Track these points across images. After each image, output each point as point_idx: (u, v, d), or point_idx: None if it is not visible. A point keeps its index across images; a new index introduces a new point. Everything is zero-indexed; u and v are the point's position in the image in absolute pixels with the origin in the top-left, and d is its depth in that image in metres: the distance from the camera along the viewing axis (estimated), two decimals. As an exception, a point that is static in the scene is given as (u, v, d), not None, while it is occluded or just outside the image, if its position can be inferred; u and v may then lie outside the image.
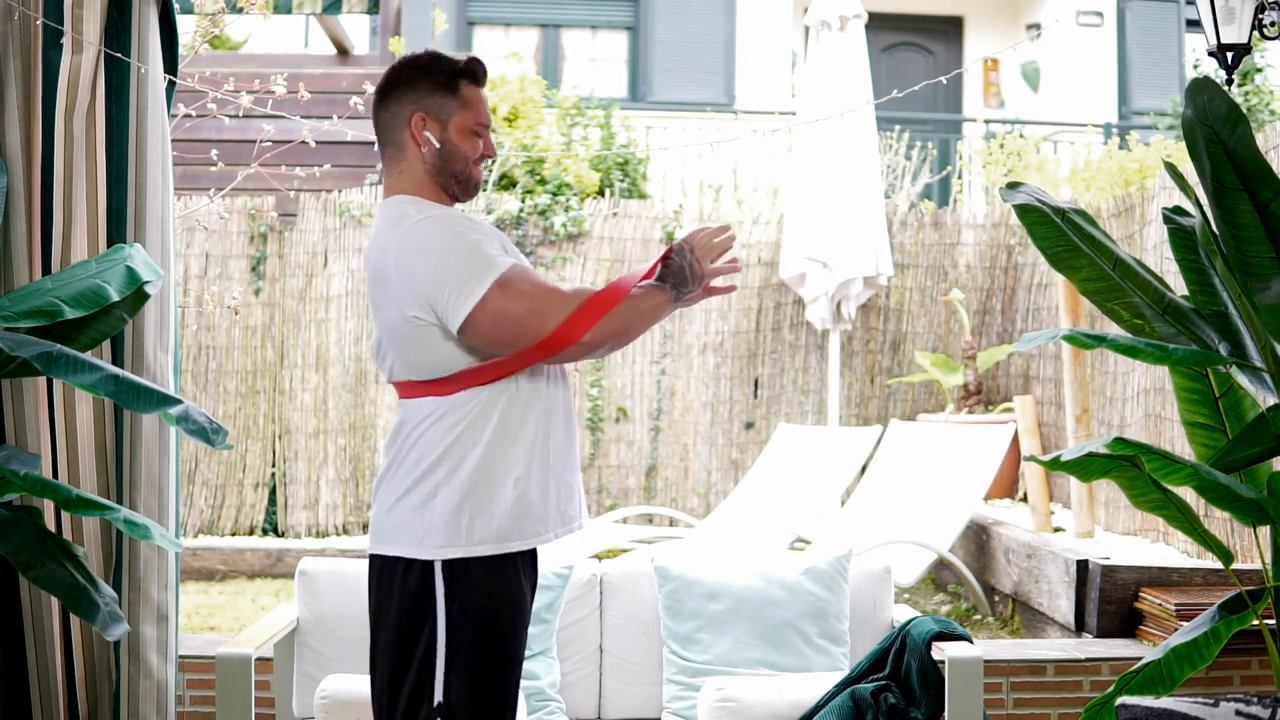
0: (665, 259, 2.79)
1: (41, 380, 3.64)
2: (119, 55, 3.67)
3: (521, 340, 2.69)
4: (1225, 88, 3.81)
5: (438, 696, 2.68)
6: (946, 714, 3.58)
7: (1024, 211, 3.57)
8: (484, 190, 7.92)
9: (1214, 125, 3.22)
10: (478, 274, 2.67)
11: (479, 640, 2.69)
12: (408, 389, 2.79)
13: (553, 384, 2.81)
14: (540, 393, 2.78)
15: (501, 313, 2.67)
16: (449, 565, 2.70)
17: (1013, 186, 3.62)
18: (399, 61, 2.87)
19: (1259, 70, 9.45)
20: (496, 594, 2.72)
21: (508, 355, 2.72)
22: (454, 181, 2.84)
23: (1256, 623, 3.67)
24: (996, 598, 6.38)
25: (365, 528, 7.90)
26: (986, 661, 4.30)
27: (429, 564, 2.70)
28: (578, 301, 2.70)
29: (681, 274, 2.78)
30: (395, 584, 2.73)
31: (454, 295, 2.67)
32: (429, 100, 2.80)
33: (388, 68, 2.89)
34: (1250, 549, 5.07)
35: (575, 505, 2.85)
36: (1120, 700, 3.13)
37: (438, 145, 2.81)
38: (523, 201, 8.12)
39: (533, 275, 2.74)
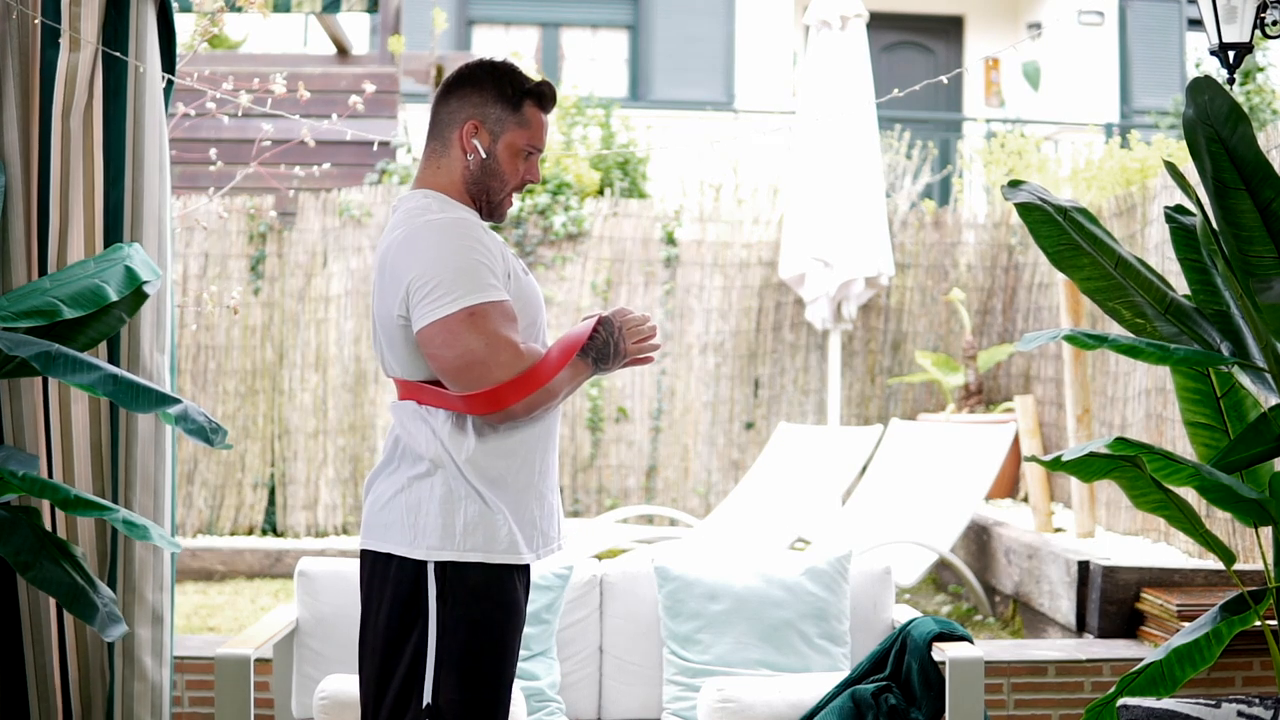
0: (594, 332, 2.77)
1: (38, 380, 3.62)
2: (117, 54, 3.66)
3: (462, 378, 2.65)
4: (1227, 87, 3.80)
5: (426, 698, 2.66)
6: (947, 715, 3.57)
7: (1026, 210, 3.56)
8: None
9: (1215, 124, 3.21)
10: (458, 290, 2.64)
11: (470, 643, 2.67)
12: (400, 388, 2.79)
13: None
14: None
15: (456, 338, 2.63)
16: (442, 567, 2.68)
17: (1015, 185, 3.61)
18: (475, 61, 2.86)
19: (1260, 69, 9.44)
20: (490, 597, 2.70)
21: (451, 392, 2.69)
22: (485, 198, 2.82)
23: (1258, 623, 3.67)
24: (997, 598, 6.37)
25: (364, 527, 7.88)
26: (987, 662, 4.29)
27: (422, 564, 2.69)
28: (526, 364, 2.67)
29: (606, 348, 2.77)
30: (387, 581, 2.71)
31: (426, 299, 2.65)
32: (489, 109, 2.79)
33: (463, 65, 2.88)
34: (1252, 549, 5.06)
35: (555, 526, 2.85)
36: (1122, 701, 3.12)
37: (484, 156, 2.79)
38: (522, 201, 8.12)
39: (506, 321, 2.68)
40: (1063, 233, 3.54)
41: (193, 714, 4.35)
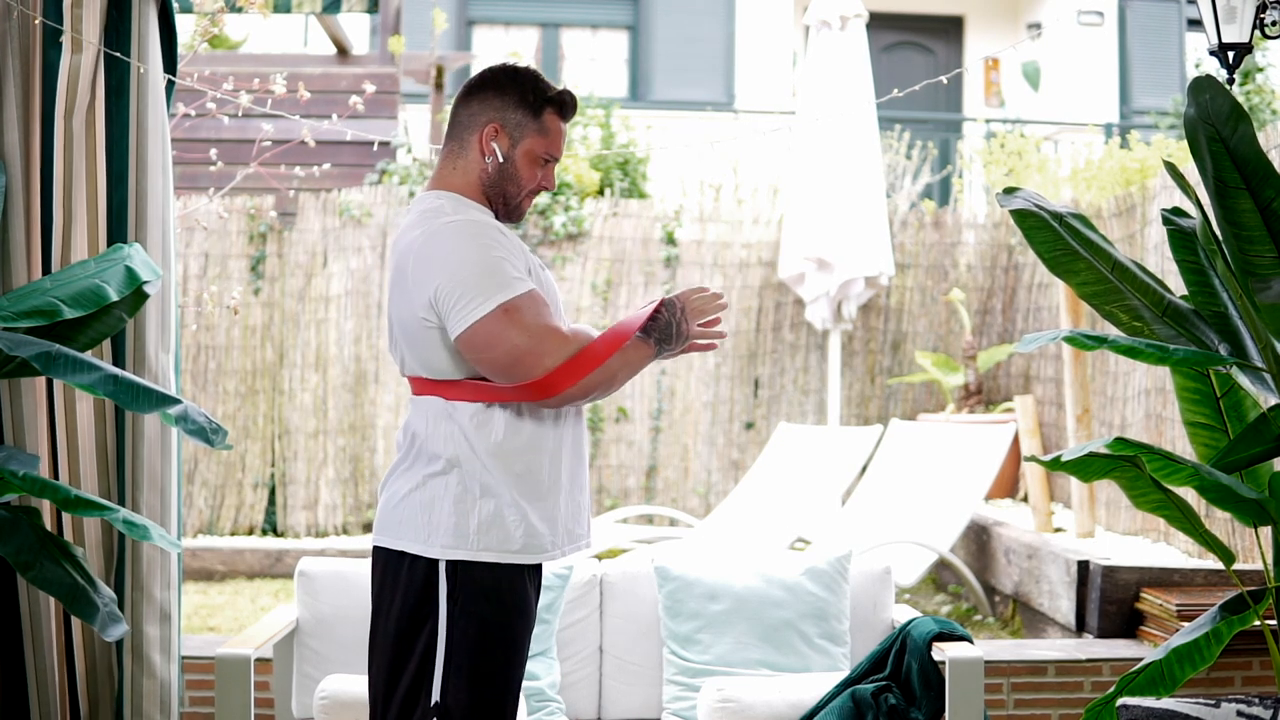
0: (655, 313, 2.77)
1: (40, 380, 3.63)
2: (118, 55, 3.66)
3: (513, 372, 2.66)
4: (1227, 87, 3.80)
5: (435, 696, 2.67)
6: (947, 715, 3.57)
7: (1021, 217, 3.57)
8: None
9: (1216, 124, 3.22)
10: (488, 290, 2.65)
11: (480, 643, 2.68)
12: (419, 385, 2.79)
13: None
14: (557, 410, 2.77)
15: (498, 337, 2.64)
16: (454, 565, 2.69)
17: (1009, 192, 3.61)
18: (499, 65, 2.87)
19: (1260, 69, 9.44)
20: (501, 597, 2.71)
21: (498, 385, 2.69)
22: (501, 200, 2.83)
23: (1258, 623, 3.67)
24: (997, 598, 6.38)
25: (365, 528, 7.90)
26: (987, 662, 4.29)
27: (434, 562, 2.69)
28: (575, 348, 2.68)
29: (668, 330, 2.77)
30: (399, 579, 2.72)
31: (459, 305, 2.65)
32: (510, 113, 2.81)
33: (486, 68, 2.89)
34: (1251, 549, 5.07)
35: (583, 524, 2.85)
36: (1121, 701, 3.12)
37: (500, 160, 2.80)
38: (523, 201, 8.11)
39: (541, 309, 2.69)
40: (1058, 238, 3.55)
41: (193, 713, 4.35)
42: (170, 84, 3.85)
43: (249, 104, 4.57)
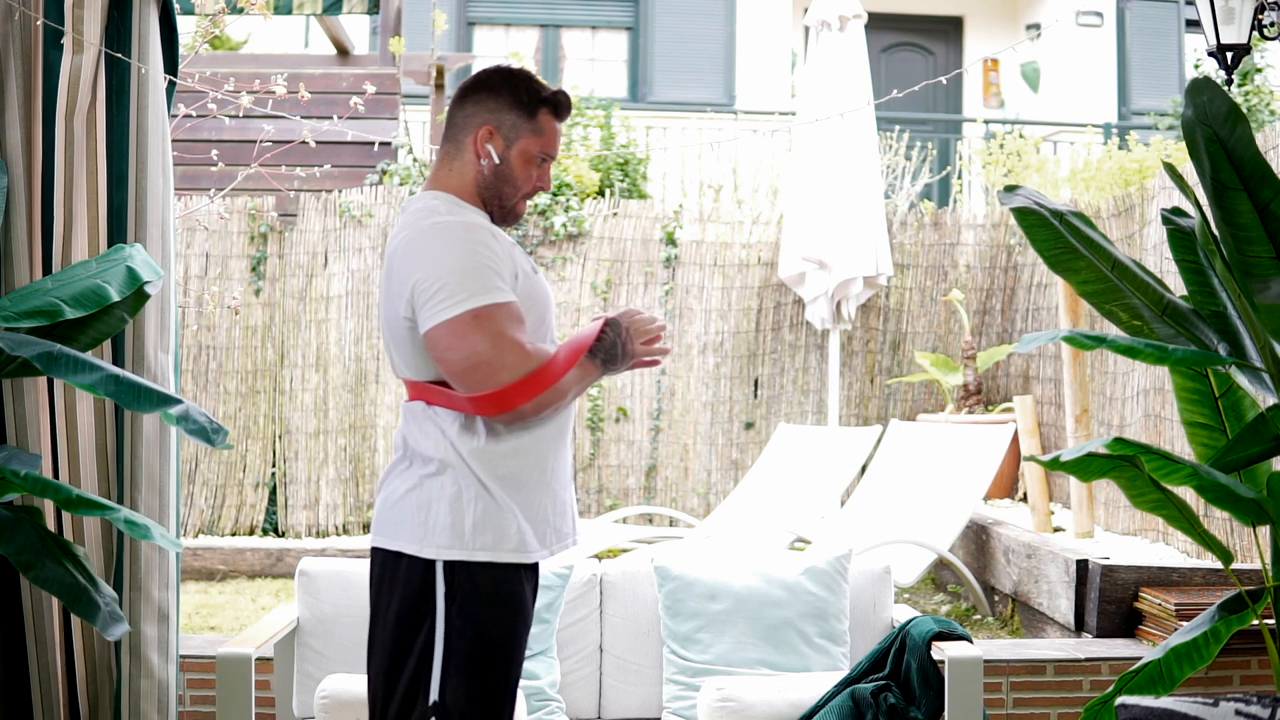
0: (601, 333, 2.80)
1: (42, 380, 3.64)
2: (119, 55, 3.67)
3: (469, 378, 2.67)
4: (1225, 88, 3.81)
5: (433, 695, 2.69)
6: (946, 714, 3.58)
7: (1022, 214, 3.58)
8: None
9: (1214, 125, 3.23)
10: (463, 292, 2.66)
11: (478, 642, 2.69)
12: (409, 387, 2.81)
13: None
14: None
15: (463, 340, 2.65)
16: (451, 566, 2.70)
17: (1010, 190, 3.63)
18: (493, 67, 2.88)
19: (1259, 70, 9.46)
20: (498, 597, 2.72)
21: (458, 391, 2.70)
22: (496, 203, 2.84)
23: (1256, 622, 3.68)
24: (996, 597, 6.39)
25: (365, 528, 7.91)
26: (986, 661, 4.30)
27: (431, 563, 2.71)
28: (534, 365, 2.69)
29: (613, 349, 2.80)
30: (397, 579, 2.73)
31: (432, 301, 2.67)
32: (504, 115, 2.82)
33: (480, 70, 2.89)
34: (1250, 549, 5.08)
35: (569, 521, 2.86)
36: (1120, 700, 3.13)
37: (496, 162, 2.82)
38: (523, 201, 8.12)
39: (512, 323, 2.69)
40: (1059, 236, 3.56)
41: (194, 713, 4.36)
42: (171, 85, 3.86)
43: (250, 105, 4.58)
